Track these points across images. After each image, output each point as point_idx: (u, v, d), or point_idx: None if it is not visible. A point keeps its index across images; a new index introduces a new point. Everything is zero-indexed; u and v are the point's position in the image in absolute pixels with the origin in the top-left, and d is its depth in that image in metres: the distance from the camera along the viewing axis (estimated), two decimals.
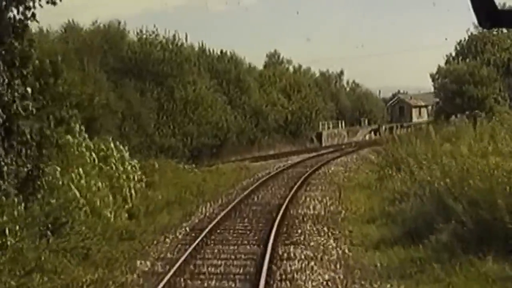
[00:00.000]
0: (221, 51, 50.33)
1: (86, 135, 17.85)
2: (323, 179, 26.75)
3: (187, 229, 15.96)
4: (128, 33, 40.77)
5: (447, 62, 58.49)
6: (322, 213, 18.25)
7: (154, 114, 38.89)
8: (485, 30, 47.28)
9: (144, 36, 40.88)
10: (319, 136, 53.58)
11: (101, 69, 34.96)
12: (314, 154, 43.40)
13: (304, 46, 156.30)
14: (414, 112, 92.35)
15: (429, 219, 12.79)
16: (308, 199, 20.97)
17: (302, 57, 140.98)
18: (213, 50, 49.76)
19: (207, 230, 14.79)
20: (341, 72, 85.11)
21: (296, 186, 23.19)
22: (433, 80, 56.25)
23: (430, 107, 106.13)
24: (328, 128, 56.89)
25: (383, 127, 71.55)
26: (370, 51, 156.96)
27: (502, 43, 57.23)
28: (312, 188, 24.04)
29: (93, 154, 16.94)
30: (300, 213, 18.12)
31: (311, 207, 19.34)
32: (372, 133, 69.41)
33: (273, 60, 75.17)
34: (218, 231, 15.38)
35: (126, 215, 17.24)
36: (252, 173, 30.25)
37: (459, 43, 62.45)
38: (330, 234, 14.99)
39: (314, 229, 15.64)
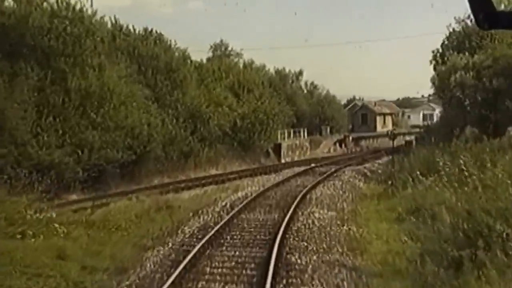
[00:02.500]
0: (145, 30, 36.63)
1: None
2: (312, 246, 13.45)
3: None
4: None
5: (440, 56, 47.22)
6: None
7: (31, 111, 24.86)
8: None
9: None
10: (277, 149, 40.59)
11: None
12: (274, 175, 30.32)
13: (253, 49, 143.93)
14: (379, 120, 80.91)
15: None
16: None
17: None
18: (134, 28, 36.02)
19: None
20: (300, 72, 73.15)
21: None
22: (433, 83, 44.18)
23: (405, 115, 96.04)
24: (288, 137, 43.86)
25: (350, 138, 59.32)
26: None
27: (507, 38, 45.51)
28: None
29: None
30: None
31: None
32: (337, 144, 57.06)
33: (219, 52, 61.96)
34: None
35: None
36: (178, 220, 16.82)
37: (448, 37, 51.57)
38: None
39: None
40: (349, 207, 19.88)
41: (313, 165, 34.23)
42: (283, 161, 40.29)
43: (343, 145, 57.98)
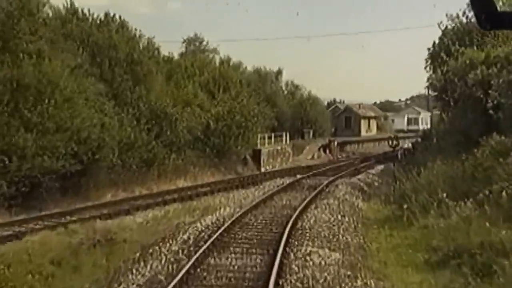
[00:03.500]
0: (106, 15, 31.10)
1: None
2: None
3: None
4: None
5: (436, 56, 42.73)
6: None
7: None
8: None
9: None
10: (256, 155, 35.30)
11: None
12: (253, 190, 25.13)
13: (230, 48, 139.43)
14: (363, 124, 76.21)
15: None
16: None
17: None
18: (91, 13, 30.47)
19: None
20: (279, 71, 68.21)
21: None
22: (431, 84, 39.57)
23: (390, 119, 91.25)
24: (269, 143, 38.61)
25: (335, 143, 54.37)
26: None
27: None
28: None
29: None
30: None
31: None
32: (321, 150, 52.04)
33: (194, 47, 56.55)
34: None
35: None
36: (116, 267, 11.51)
37: (444, 30, 47.36)
38: None
39: None
40: (355, 240, 14.76)
41: (299, 176, 29.04)
42: (263, 170, 35.07)
43: (327, 151, 53.02)
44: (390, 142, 28.61)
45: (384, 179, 30.02)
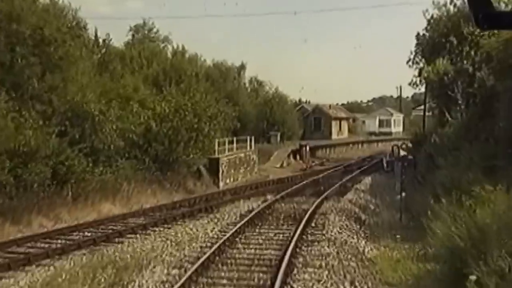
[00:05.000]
0: None
1: None
2: None
3: None
4: None
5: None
6: None
7: None
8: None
9: None
10: (214, 166, 27.36)
11: None
12: (206, 222, 17.36)
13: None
14: (334, 125, 69.28)
15: None
16: None
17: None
18: None
19: None
20: (242, 66, 60.77)
21: None
22: (425, 78, 32.87)
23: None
24: (230, 149, 30.73)
25: (307, 148, 47.02)
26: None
27: None
28: None
29: None
30: None
31: None
32: (292, 156, 44.61)
33: (142, 35, 48.37)
34: None
35: None
36: None
37: (430, 20, 41.00)
38: None
39: None
40: None
41: (269, 197, 21.47)
42: (222, 185, 27.29)
43: (298, 157, 45.66)
44: (395, 152, 21.31)
45: (383, 200, 22.80)
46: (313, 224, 16.47)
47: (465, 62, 27.08)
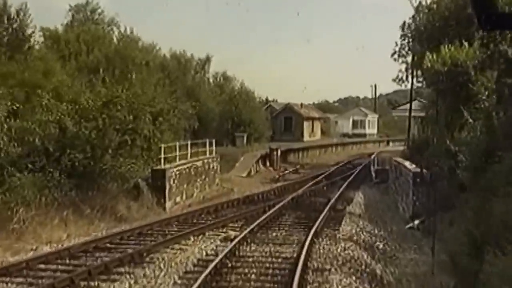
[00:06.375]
0: None
1: None
2: None
3: None
4: None
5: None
6: None
7: None
8: None
9: None
10: (158, 180, 19.92)
11: None
12: None
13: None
14: (306, 126, 62.68)
15: None
16: None
17: None
18: None
19: None
20: (208, 58, 53.94)
21: None
22: (426, 68, 26.48)
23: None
24: (183, 156, 23.38)
25: (278, 152, 40.17)
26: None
27: None
28: None
29: None
30: None
31: None
32: (261, 162, 37.68)
33: (83, 16, 40.73)
34: None
35: None
36: None
37: (418, 7, 35.34)
38: None
39: None
40: None
41: (233, 234, 14.44)
42: (169, 206, 20.02)
43: (267, 163, 38.81)
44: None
45: (389, 230, 16.22)
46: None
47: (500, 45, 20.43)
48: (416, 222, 17.83)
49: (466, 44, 24.31)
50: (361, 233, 16.06)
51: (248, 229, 14.84)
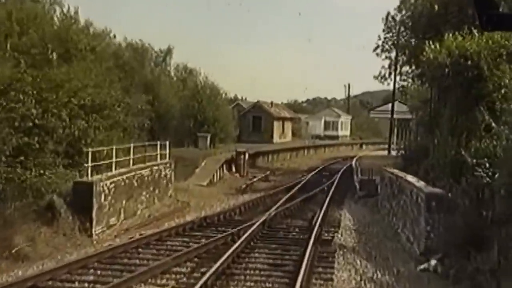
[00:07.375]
0: None
1: None
2: None
3: None
4: None
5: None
6: None
7: None
8: None
9: None
10: (83, 198, 14.80)
11: None
12: None
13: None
14: (277, 127, 57.87)
15: None
16: None
17: None
18: None
19: None
20: (169, 50, 48.87)
21: None
22: (428, 59, 21.79)
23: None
24: (123, 164, 18.11)
25: (245, 156, 35.16)
26: None
27: None
28: None
29: None
30: None
31: None
32: (225, 168, 32.62)
33: None
34: None
35: None
36: None
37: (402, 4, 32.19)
38: None
39: None
40: None
41: None
42: (98, 232, 14.72)
43: (233, 168, 33.82)
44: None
45: (396, 275, 11.42)
46: None
47: None
48: (433, 262, 13.06)
49: (476, 32, 19.73)
50: (362, 283, 11.17)
51: (201, 282, 9.78)
